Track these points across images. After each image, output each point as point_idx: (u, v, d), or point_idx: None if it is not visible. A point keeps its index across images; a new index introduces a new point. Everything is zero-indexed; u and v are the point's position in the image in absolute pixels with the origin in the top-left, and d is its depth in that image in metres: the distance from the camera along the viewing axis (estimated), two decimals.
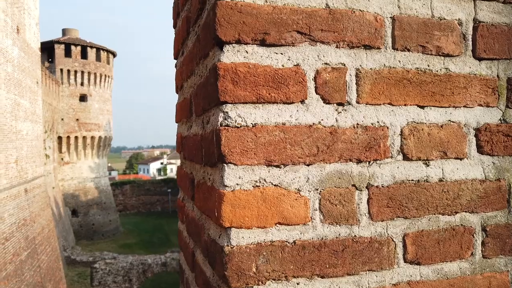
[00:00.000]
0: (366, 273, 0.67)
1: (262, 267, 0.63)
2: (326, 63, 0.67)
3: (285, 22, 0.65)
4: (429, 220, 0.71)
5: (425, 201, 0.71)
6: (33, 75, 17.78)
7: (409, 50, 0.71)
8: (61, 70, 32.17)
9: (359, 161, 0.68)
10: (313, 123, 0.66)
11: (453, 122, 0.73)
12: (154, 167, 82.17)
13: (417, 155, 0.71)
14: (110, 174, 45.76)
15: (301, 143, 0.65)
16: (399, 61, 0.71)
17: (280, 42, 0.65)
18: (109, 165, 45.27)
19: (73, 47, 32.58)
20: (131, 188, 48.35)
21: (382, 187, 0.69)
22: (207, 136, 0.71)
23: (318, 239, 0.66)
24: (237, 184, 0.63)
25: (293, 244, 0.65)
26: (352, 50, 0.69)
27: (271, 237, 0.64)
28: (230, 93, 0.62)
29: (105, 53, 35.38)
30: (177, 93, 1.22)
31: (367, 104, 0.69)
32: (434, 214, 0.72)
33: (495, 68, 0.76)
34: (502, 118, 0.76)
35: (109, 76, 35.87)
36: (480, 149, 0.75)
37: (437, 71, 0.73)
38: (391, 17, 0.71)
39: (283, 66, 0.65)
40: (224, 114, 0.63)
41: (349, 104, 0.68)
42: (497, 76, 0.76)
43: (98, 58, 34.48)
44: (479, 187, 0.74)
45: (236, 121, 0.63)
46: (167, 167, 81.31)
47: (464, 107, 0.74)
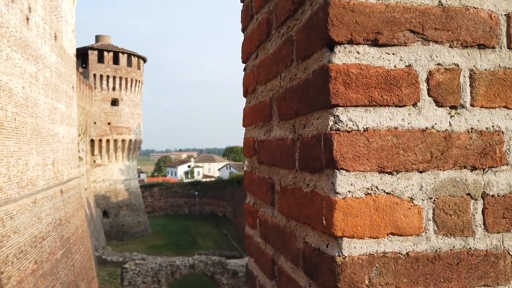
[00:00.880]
0: None
1: (375, 279, 0.59)
2: (439, 64, 0.64)
3: (398, 21, 0.61)
4: None
5: None
6: (69, 80, 18.47)
7: None
8: (94, 75, 33.31)
9: (473, 169, 0.64)
10: (426, 128, 0.63)
11: None
12: (181, 170, 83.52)
13: None
14: (139, 176, 46.82)
15: (414, 148, 0.62)
16: None
17: (392, 42, 0.62)
18: (139, 167, 46.36)
19: (105, 53, 33.68)
20: (160, 190, 49.30)
21: (497, 196, 0.65)
22: (307, 140, 0.68)
23: (432, 251, 0.62)
24: (349, 191, 0.60)
25: (406, 256, 0.61)
26: (465, 50, 0.65)
27: (383, 248, 0.61)
28: (341, 95, 0.60)
29: (136, 59, 36.36)
30: (245, 97, 1.21)
31: (481, 107, 0.65)
32: None
33: None
34: None
35: (139, 81, 36.82)
36: None
37: None
38: (505, 15, 0.66)
39: (395, 67, 0.62)
40: (334, 117, 0.60)
41: (463, 107, 0.64)
42: None
43: (129, 63, 35.48)
44: None
45: (347, 125, 0.60)
46: (194, 170, 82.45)
47: None
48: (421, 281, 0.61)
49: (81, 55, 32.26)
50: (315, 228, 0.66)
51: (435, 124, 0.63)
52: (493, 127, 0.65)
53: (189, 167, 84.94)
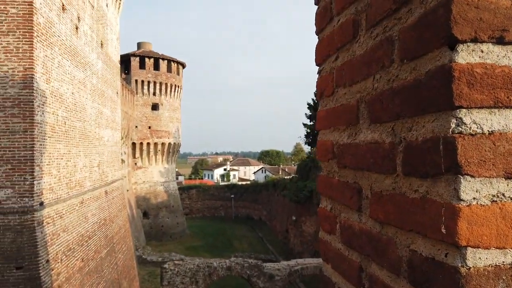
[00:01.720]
0: None
1: None
2: None
3: None
4: None
5: None
6: (114, 86, 19.27)
7: None
8: (136, 81, 34.60)
9: None
10: None
11: None
12: (218, 173, 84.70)
13: None
14: (177, 178, 47.98)
15: None
16: None
17: None
18: (177, 170, 47.51)
19: (146, 59, 34.89)
20: (197, 192, 50.23)
21: None
22: (417, 144, 0.65)
23: None
24: (474, 198, 0.56)
25: None
26: None
27: (510, 260, 0.57)
28: (465, 97, 0.56)
29: (175, 65, 37.38)
30: (319, 100, 1.19)
31: None
32: None
33: None
34: None
35: (178, 86, 37.82)
36: None
37: None
38: None
39: None
40: (457, 120, 0.57)
41: None
42: None
43: (169, 69, 36.55)
44: None
45: (471, 128, 0.57)
46: (230, 173, 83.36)
47: None
48: None
49: (124, 61, 33.63)
50: (428, 236, 0.63)
51: None
52: None
53: (225, 170, 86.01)
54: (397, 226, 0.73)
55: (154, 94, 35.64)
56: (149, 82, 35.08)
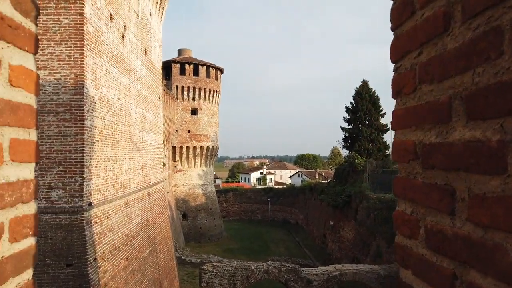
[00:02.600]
0: None
1: None
2: None
3: None
4: None
5: None
6: (156, 92, 19.91)
7: None
8: (176, 86, 35.60)
9: None
10: None
11: None
12: (254, 176, 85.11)
13: None
14: (215, 182, 48.70)
15: None
16: None
17: None
18: (214, 173, 48.22)
19: (186, 66, 35.82)
20: (234, 195, 50.70)
21: None
22: None
23: None
24: None
25: None
26: None
27: None
28: None
29: (214, 70, 38.08)
30: (396, 98, 1.14)
31: None
32: None
33: None
34: None
35: (217, 91, 38.48)
36: None
37: None
38: None
39: None
40: None
41: None
42: None
43: (208, 74, 37.31)
44: None
45: None
46: (267, 176, 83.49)
47: None
48: None
49: (165, 68, 34.70)
50: None
51: None
52: None
53: (261, 173, 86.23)
54: (508, 230, 0.68)
55: (193, 99, 36.48)
56: (188, 87, 35.98)
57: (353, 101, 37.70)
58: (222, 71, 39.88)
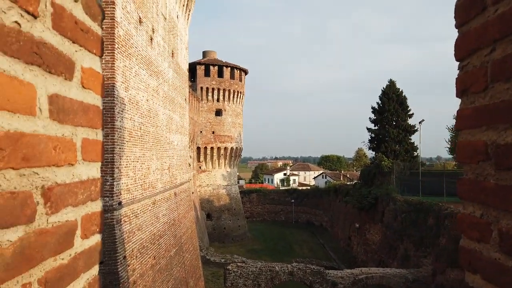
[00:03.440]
0: None
1: None
2: None
3: None
4: None
5: None
6: (183, 93, 20.21)
7: None
8: (201, 88, 36.03)
9: None
10: None
11: None
12: (278, 177, 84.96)
13: None
14: (238, 182, 48.94)
15: None
16: None
17: None
18: (238, 174, 48.47)
19: (211, 67, 36.20)
20: (258, 196, 50.77)
21: None
22: None
23: None
24: None
25: None
26: None
27: None
28: None
29: (238, 71, 38.31)
30: (460, 96, 1.11)
31: None
32: None
33: None
34: None
35: (241, 92, 38.69)
36: None
37: None
38: None
39: None
40: None
41: None
42: None
43: (232, 76, 37.58)
44: None
45: None
46: (290, 178, 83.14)
47: None
48: None
49: (190, 69, 35.16)
50: None
51: None
52: None
53: (285, 175, 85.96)
54: None
55: (217, 100, 36.82)
56: (213, 89, 36.34)
57: (379, 102, 37.01)
58: (246, 72, 40.05)
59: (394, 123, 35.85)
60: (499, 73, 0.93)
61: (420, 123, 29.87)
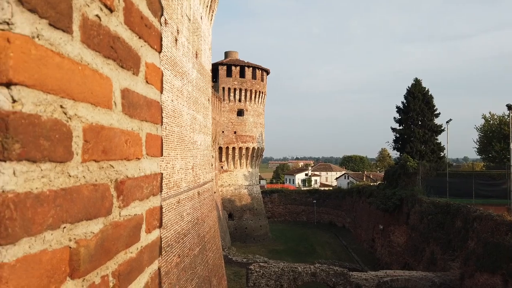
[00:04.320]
0: None
1: None
2: None
3: None
4: None
5: None
6: (206, 93, 20.38)
7: None
8: (223, 88, 36.24)
9: None
10: None
11: None
12: (299, 178, 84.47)
13: None
14: (259, 182, 48.98)
15: None
16: None
17: None
18: (259, 174, 48.52)
19: (233, 68, 36.37)
20: (279, 196, 50.63)
21: None
22: None
23: None
24: None
25: None
26: None
27: None
28: None
29: (260, 71, 38.33)
30: None
31: None
32: None
33: None
34: None
35: (262, 92, 38.68)
36: None
37: None
38: None
39: None
40: None
41: None
42: None
43: (253, 76, 37.64)
44: None
45: None
46: (312, 178, 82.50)
47: None
48: None
49: (213, 70, 35.42)
50: None
51: None
52: None
53: (306, 175, 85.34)
54: None
55: (239, 100, 36.95)
56: (235, 89, 36.49)
57: (404, 101, 36.23)
58: (268, 72, 40.03)
59: (419, 123, 35.02)
60: None
61: (447, 122, 29.07)
